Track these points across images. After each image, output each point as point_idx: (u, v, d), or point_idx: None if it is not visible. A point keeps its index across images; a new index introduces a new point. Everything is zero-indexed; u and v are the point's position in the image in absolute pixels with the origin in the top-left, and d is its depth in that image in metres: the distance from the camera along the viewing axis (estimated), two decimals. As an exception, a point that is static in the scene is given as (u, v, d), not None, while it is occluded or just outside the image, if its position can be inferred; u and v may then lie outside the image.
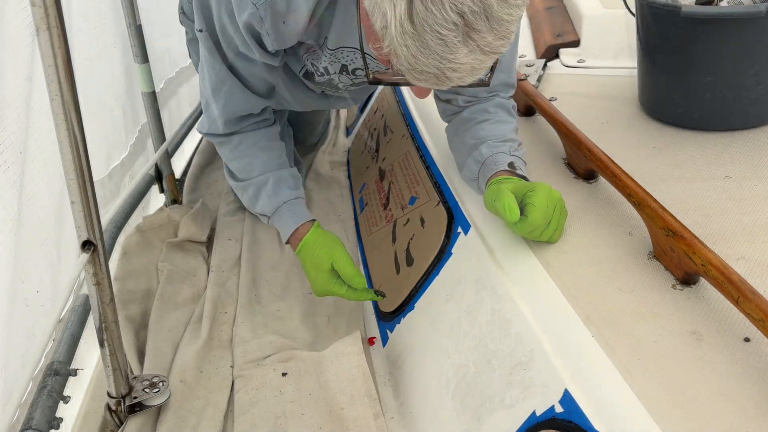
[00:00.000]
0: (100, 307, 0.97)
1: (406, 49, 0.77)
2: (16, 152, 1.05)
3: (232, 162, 1.33)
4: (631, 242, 1.01)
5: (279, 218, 1.29)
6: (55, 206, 1.21)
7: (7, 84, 1.04)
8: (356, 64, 1.19)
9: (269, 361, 1.23)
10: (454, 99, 1.24)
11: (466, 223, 1.17)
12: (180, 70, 2.11)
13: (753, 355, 0.78)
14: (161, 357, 1.23)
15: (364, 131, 1.95)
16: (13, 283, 1.04)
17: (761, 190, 1.09)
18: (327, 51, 1.16)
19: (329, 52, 1.16)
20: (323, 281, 1.23)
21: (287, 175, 1.31)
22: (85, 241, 0.92)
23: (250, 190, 1.31)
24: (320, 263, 1.22)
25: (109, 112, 1.61)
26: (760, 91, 1.24)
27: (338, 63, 1.19)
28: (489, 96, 1.23)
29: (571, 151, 1.22)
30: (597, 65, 1.67)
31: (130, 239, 1.55)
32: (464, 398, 0.98)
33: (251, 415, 1.12)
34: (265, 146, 1.31)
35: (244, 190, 1.32)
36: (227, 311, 1.38)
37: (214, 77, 1.22)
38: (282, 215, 1.28)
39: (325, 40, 1.14)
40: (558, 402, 0.81)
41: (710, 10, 1.21)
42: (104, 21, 1.55)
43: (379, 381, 1.18)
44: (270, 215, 1.30)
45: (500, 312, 0.99)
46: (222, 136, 1.31)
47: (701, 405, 0.73)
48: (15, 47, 1.05)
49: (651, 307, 0.88)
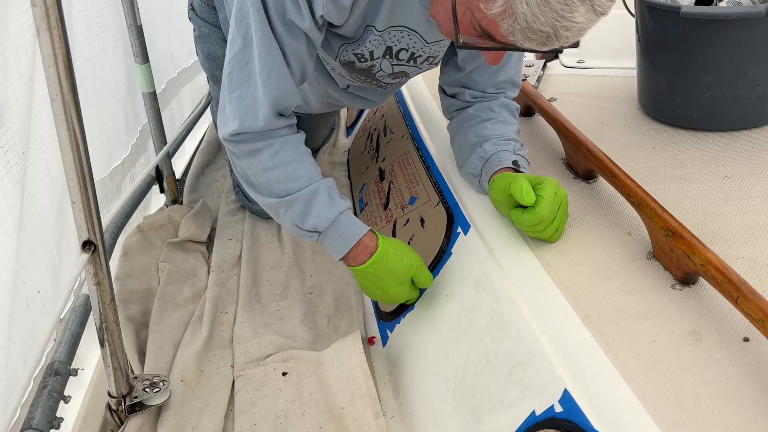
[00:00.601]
0: (100, 307, 0.97)
1: (526, 7, 0.81)
2: (19, 152, 1.05)
3: (272, 171, 1.11)
4: (631, 242, 1.01)
5: (337, 231, 1.12)
6: (57, 206, 1.21)
7: (10, 85, 1.04)
8: (401, 45, 1.17)
9: (270, 360, 1.23)
10: (461, 93, 1.25)
11: (466, 223, 1.17)
12: (182, 71, 2.12)
13: (752, 355, 0.78)
14: (162, 357, 1.24)
15: (364, 131, 1.95)
16: (14, 283, 1.04)
17: (760, 190, 1.10)
18: (374, 33, 1.14)
19: (377, 34, 1.14)
20: (405, 292, 1.16)
21: (332, 182, 1.16)
22: (85, 241, 0.92)
23: (297, 204, 1.12)
24: (403, 275, 1.13)
25: (110, 113, 1.61)
26: (759, 91, 1.24)
27: (383, 45, 1.17)
28: (496, 93, 1.24)
29: (571, 151, 1.22)
30: (596, 65, 1.67)
31: (130, 239, 1.55)
32: (464, 398, 0.98)
33: (251, 414, 1.12)
34: (305, 151, 1.15)
35: (289, 206, 1.12)
36: (228, 311, 1.38)
37: (264, 52, 1.05)
38: (341, 227, 1.12)
39: (369, 26, 1.12)
40: (557, 402, 0.81)
41: (709, 11, 1.21)
42: (105, 21, 1.55)
43: (379, 381, 1.19)
44: (324, 229, 1.12)
45: (500, 312, 0.99)
46: (261, 140, 1.10)
47: (700, 404, 0.73)
48: (18, 48, 1.06)
49: (650, 307, 0.88)
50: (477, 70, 1.23)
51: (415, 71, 1.28)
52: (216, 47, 1.53)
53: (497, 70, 1.23)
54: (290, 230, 1.16)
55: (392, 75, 1.26)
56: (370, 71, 1.24)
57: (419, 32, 1.15)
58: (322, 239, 1.14)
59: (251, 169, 1.13)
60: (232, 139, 1.10)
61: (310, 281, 1.47)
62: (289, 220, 1.14)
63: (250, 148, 1.11)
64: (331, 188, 1.14)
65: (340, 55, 1.21)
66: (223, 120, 1.12)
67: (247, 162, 1.13)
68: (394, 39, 1.16)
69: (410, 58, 1.21)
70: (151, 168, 1.69)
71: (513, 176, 1.04)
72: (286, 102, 1.11)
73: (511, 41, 0.87)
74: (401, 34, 1.15)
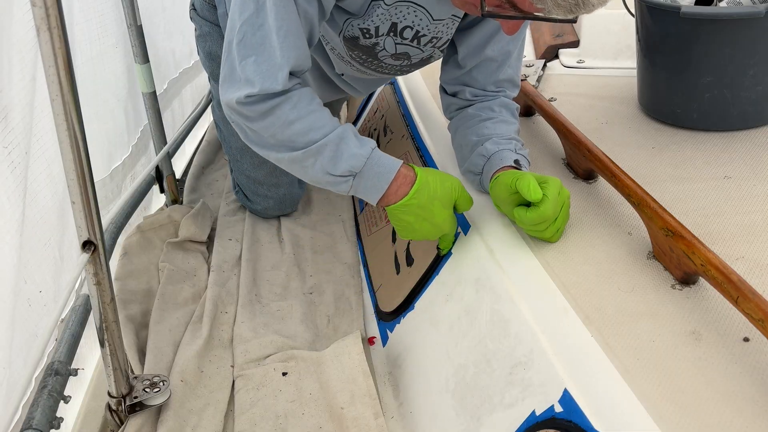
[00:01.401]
0: (100, 307, 0.97)
1: None
2: (22, 152, 1.06)
3: (294, 125, 1.07)
4: (631, 242, 1.01)
5: (373, 168, 1.07)
6: (58, 206, 1.21)
7: (14, 85, 1.04)
8: (407, 22, 1.17)
9: (270, 360, 1.23)
10: (462, 92, 1.25)
11: (466, 223, 1.17)
12: (183, 71, 2.12)
13: (752, 355, 0.78)
14: (162, 356, 1.24)
15: (364, 131, 1.95)
16: (16, 282, 1.04)
17: (760, 190, 1.10)
18: (383, 7, 1.13)
19: (384, 8, 1.14)
20: (450, 219, 1.10)
21: (353, 127, 1.12)
22: (85, 241, 0.92)
23: (326, 150, 1.07)
24: (447, 199, 1.08)
25: (110, 113, 1.61)
26: (759, 91, 1.24)
27: (389, 21, 1.16)
28: (496, 92, 1.25)
29: (571, 151, 1.22)
30: (596, 65, 1.68)
31: (130, 239, 1.55)
32: (464, 398, 0.98)
33: (252, 414, 1.12)
34: (319, 102, 1.11)
35: (318, 154, 1.07)
36: (228, 311, 1.38)
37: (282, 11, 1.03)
38: (377, 162, 1.07)
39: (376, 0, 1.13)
40: (557, 401, 0.81)
41: (709, 11, 1.21)
42: (105, 21, 1.55)
43: (379, 381, 1.19)
44: (360, 169, 1.07)
45: (500, 312, 0.99)
46: (279, 95, 1.06)
47: (700, 404, 0.73)
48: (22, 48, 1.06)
49: (650, 307, 0.88)
50: (477, 67, 1.24)
51: (417, 54, 1.26)
52: (217, 46, 1.53)
53: (497, 68, 1.24)
54: (319, 181, 1.11)
55: (395, 56, 1.25)
56: (373, 50, 1.23)
57: (426, 7, 1.16)
58: (357, 182, 1.08)
59: (270, 129, 1.08)
60: (246, 101, 1.05)
61: (310, 281, 1.48)
62: (319, 170, 1.08)
63: (267, 107, 1.06)
64: (354, 131, 1.10)
65: (345, 30, 1.19)
66: (233, 85, 1.07)
67: (264, 122, 1.07)
68: (401, 15, 1.16)
69: (414, 37, 1.21)
70: (151, 168, 1.69)
71: (519, 173, 1.04)
72: (303, 64, 1.09)
73: (539, 8, 0.90)
74: (407, 9, 1.15)
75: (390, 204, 1.09)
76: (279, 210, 1.67)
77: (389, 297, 1.31)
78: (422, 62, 1.30)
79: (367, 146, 1.08)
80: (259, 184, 1.63)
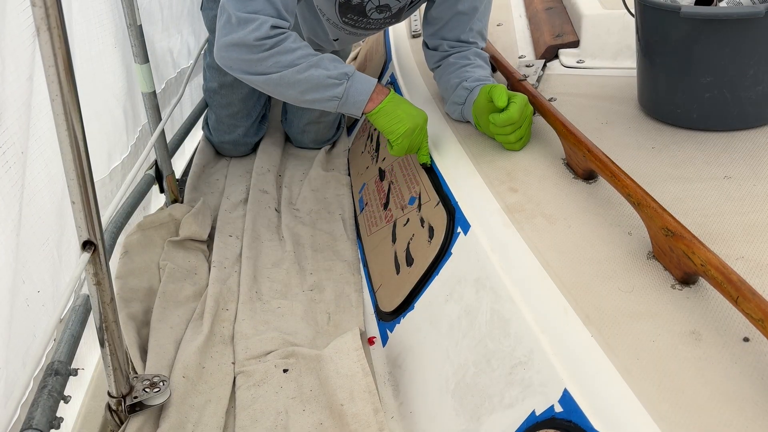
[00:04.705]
0: (100, 307, 0.97)
1: None
2: (18, 152, 1.05)
3: (298, 50, 1.30)
4: (631, 242, 1.01)
5: (361, 76, 1.33)
6: (56, 206, 1.21)
7: (8, 85, 1.04)
8: None
9: (270, 357, 1.23)
10: (440, 45, 1.52)
11: (466, 223, 1.17)
12: (181, 71, 2.12)
13: (752, 355, 0.79)
14: (164, 354, 1.24)
15: (364, 131, 1.95)
16: (14, 283, 1.04)
17: (760, 190, 1.10)
18: None
19: None
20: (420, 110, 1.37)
21: None
22: (85, 241, 0.92)
23: (325, 60, 1.32)
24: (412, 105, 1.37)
25: (109, 113, 1.61)
26: (759, 91, 1.24)
27: None
28: (470, 43, 1.51)
29: (571, 151, 1.22)
30: (596, 66, 1.67)
31: (131, 237, 1.55)
32: (464, 398, 0.98)
33: (252, 410, 1.13)
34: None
35: (318, 63, 1.31)
36: (228, 308, 1.38)
37: None
38: (361, 75, 1.34)
39: None
40: (557, 401, 0.81)
41: (709, 11, 1.21)
42: (104, 21, 1.55)
43: (379, 381, 1.19)
44: (353, 72, 1.33)
45: (500, 312, 0.99)
46: (286, 29, 1.30)
47: (700, 404, 0.73)
48: (16, 48, 1.05)
49: (650, 307, 0.88)
50: (451, 21, 1.50)
51: (395, 5, 1.47)
52: None
53: (468, 21, 1.50)
54: (314, 87, 1.31)
55: (379, 8, 1.47)
56: (363, 8, 1.46)
57: None
58: (350, 84, 1.31)
59: (284, 52, 1.28)
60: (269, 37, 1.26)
61: (310, 279, 1.48)
62: (316, 76, 1.29)
63: (280, 38, 1.28)
64: None
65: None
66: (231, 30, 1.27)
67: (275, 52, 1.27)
68: None
69: None
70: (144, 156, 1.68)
71: (493, 84, 1.31)
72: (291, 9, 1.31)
73: None
74: None
75: (377, 104, 1.33)
76: (233, 148, 2.03)
77: (389, 297, 1.31)
78: (400, 12, 1.53)
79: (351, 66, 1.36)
80: (221, 122, 1.99)
